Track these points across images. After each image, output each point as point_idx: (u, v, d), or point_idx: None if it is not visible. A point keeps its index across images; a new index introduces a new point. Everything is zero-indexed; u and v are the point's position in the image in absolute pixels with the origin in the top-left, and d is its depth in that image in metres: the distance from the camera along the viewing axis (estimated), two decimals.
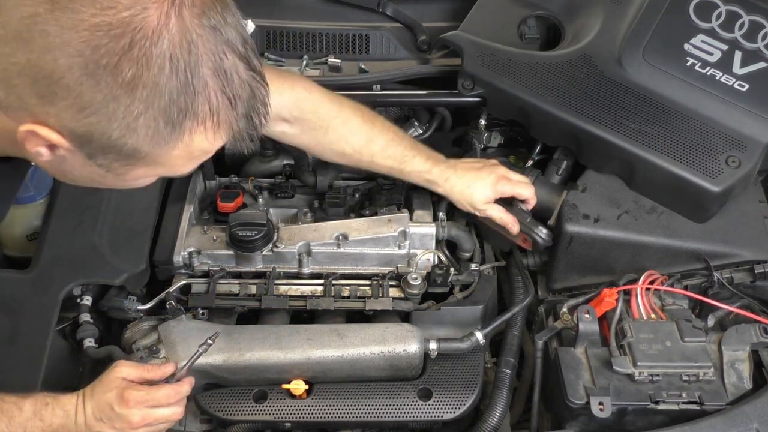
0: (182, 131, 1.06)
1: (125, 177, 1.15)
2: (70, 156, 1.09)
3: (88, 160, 1.09)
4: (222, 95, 1.06)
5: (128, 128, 1.03)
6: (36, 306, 1.60)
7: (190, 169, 1.18)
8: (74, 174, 1.16)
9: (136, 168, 1.12)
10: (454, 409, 1.56)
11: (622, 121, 1.72)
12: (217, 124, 1.08)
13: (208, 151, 1.14)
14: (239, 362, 1.55)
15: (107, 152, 1.07)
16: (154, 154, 1.09)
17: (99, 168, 1.11)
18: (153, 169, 1.13)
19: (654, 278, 1.63)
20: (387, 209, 1.87)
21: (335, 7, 2.19)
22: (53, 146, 1.07)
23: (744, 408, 1.44)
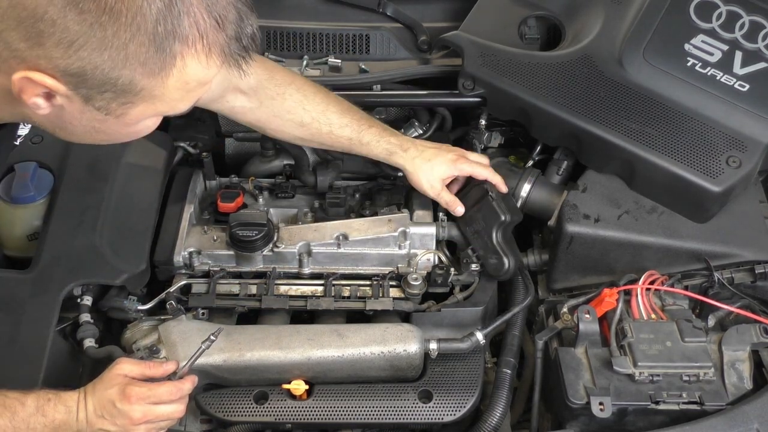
0: (173, 56, 1.06)
1: (126, 119, 1.14)
2: (68, 103, 1.09)
3: (86, 104, 1.09)
4: (208, 16, 1.06)
5: (119, 58, 1.03)
6: (36, 306, 1.59)
7: (189, 105, 1.18)
8: (75, 125, 1.15)
9: (135, 106, 1.11)
10: (455, 412, 1.56)
11: (622, 121, 1.72)
12: (207, 47, 1.08)
13: (204, 80, 1.14)
14: (239, 362, 1.55)
15: (103, 90, 1.07)
16: (149, 86, 1.08)
17: (98, 112, 1.11)
18: (152, 105, 1.12)
19: (654, 278, 1.63)
20: (387, 209, 1.87)
21: (335, 7, 2.19)
22: (50, 95, 1.07)
23: (744, 408, 1.44)
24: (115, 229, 1.71)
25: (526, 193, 1.80)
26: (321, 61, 2.10)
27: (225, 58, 1.12)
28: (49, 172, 1.80)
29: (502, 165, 1.88)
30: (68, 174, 1.77)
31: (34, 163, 1.79)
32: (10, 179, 1.78)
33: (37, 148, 1.85)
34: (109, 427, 1.40)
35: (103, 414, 1.39)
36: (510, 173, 1.84)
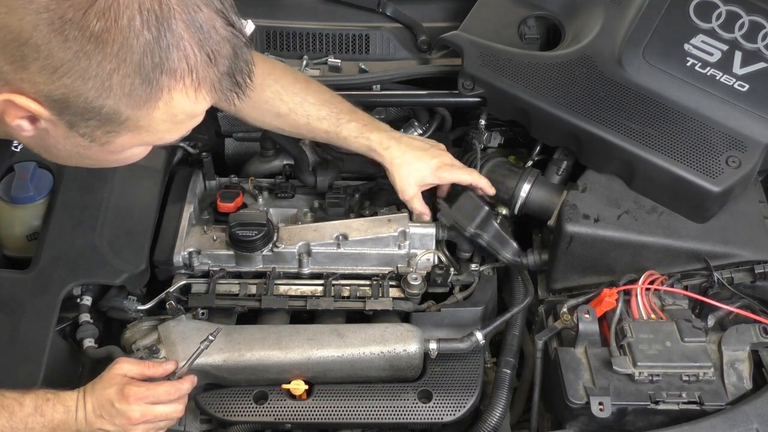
0: (160, 89, 1.04)
1: (110, 147, 1.12)
2: (52, 128, 1.08)
3: (70, 130, 1.08)
4: (200, 51, 1.03)
5: (103, 87, 1.01)
6: (36, 306, 1.59)
7: (178, 136, 1.15)
8: (59, 149, 1.14)
9: (119, 135, 1.09)
10: (454, 412, 1.56)
11: (622, 121, 1.72)
12: (197, 82, 1.05)
13: (193, 113, 1.11)
14: (239, 362, 1.55)
15: (87, 118, 1.05)
16: (134, 116, 1.06)
17: (82, 138, 1.09)
18: (138, 135, 1.10)
19: (654, 278, 1.63)
20: (387, 209, 1.87)
21: (335, 7, 2.19)
22: (34, 118, 1.06)
23: (744, 408, 1.44)
24: (114, 229, 1.71)
25: (525, 193, 1.80)
26: (321, 61, 2.10)
27: (215, 93, 1.09)
28: (48, 172, 1.80)
29: (502, 165, 1.88)
30: (68, 174, 1.77)
31: (33, 163, 1.79)
32: (10, 179, 1.78)
33: None
34: (108, 426, 1.39)
35: (102, 413, 1.39)
36: (510, 173, 1.84)
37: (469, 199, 1.76)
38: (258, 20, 2.05)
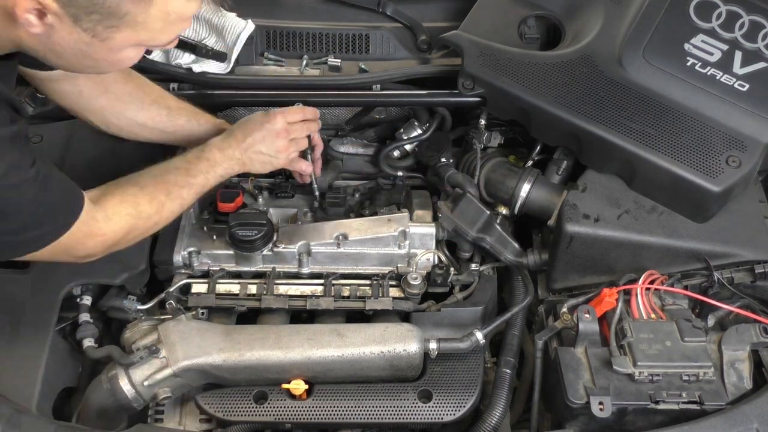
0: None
1: (110, 44, 1.24)
2: (58, 23, 1.19)
3: (75, 25, 1.19)
4: None
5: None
6: (36, 306, 1.60)
7: (168, 38, 1.29)
8: (63, 46, 1.24)
9: (119, 30, 1.22)
10: (454, 411, 1.56)
11: (622, 121, 1.72)
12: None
13: (183, 14, 1.25)
14: (239, 362, 1.55)
15: (90, 11, 1.18)
16: (133, 11, 1.19)
17: (85, 34, 1.21)
18: (135, 32, 1.23)
19: (654, 278, 1.63)
20: (387, 209, 1.87)
21: (335, 7, 2.19)
22: (42, 12, 1.17)
23: (744, 408, 1.44)
24: None
25: (525, 193, 1.80)
26: (321, 61, 2.10)
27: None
28: None
29: (502, 165, 1.88)
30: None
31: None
32: None
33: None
34: (260, 146, 1.69)
35: (253, 135, 1.68)
36: (510, 173, 1.84)
37: (470, 203, 1.76)
38: (258, 20, 2.05)
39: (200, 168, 1.63)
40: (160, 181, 1.58)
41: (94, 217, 1.45)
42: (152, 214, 1.55)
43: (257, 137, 1.69)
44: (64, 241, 1.39)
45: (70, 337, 1.65)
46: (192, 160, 1.64)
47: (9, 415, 1.40)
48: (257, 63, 2.08)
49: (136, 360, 1.52)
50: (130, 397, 1.53)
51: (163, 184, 1.58)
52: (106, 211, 1.48)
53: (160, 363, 1.53)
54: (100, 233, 1.47)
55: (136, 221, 1.52)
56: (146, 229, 1.57)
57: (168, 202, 1.57)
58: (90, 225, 1.44)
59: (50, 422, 1.44)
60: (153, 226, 1.58)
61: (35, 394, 1.50)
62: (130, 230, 1.52)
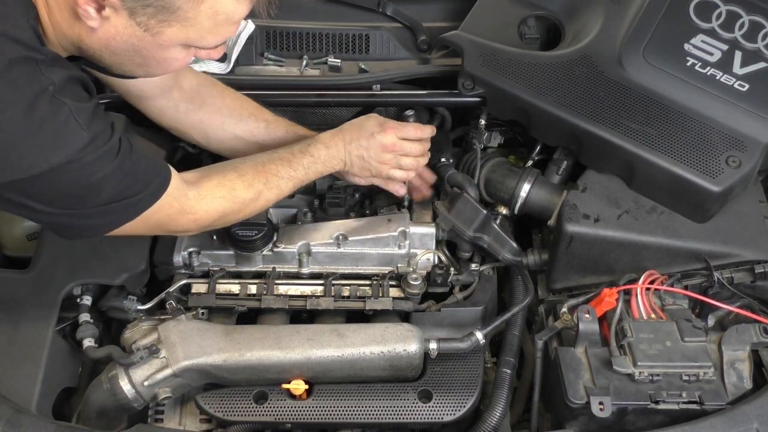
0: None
1: (160, 39, 1.30)
2: (114, 16, 1.26)
3: (130, 18, 1.26)
4: None
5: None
6: (36, 306, 1.60)
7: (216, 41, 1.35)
8: (117, 41, 1.30)
9: (169, 26, 1.28)
10: (454, 411, 1.56)
11: (622, 121, 1.72)
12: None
13: (232, 16, 1.32)
14: (239, 362, 1.55)
15: (146, 4, 1.25)
16: (185, 7, 1.26)
17: (138, 28, 1.28)
18: (184, 29, 1.29)
19: (654, 278, 1.63)
20: (387, 209, 1.87)
21: (335, 7, 2.19)
22: (101, 6, 1.24)
23: (744, 408, 1.44)
24: None
25: (525, 193, 1.80)
26: (321, 61, 2.10)
27: None
28: None
29: (502, 165, 1.88)
30: None
31: None
32: None
33: None
34: (363, 152, 1.70)
35: (360, 141, 1.70)
36: (510, 173, 1.84)
37: (467, 203, 1.76)
38: (258, 20, 2.06)
39: (303, 162, 1.66)
40: (261, 169, 1.62)
41: (185, 195, 1.50)
42: (248, 200, 1.59)
43: (363, 144, 1.71)
44: (156, 215, 1.44)
45: (70, 337, 1.65)
46: (296, 153, 1.67)
47: (9, 415, 1.40)
48: (257, 63, 2.09)
49: (136, 360, 1.52)
50: (130, 397, 1.53)
51: (263, 173, 1.62)
52: (199, 190, 1.53)
53: (160, 363, 1.53)
54: (191, 211, 1.52)
55: (231, 205, 1.57)
56: (241, 214, 1.61)
57: (265, 190, 1.61)
58: (182, 202, 1.49)
59: (50, 422, 1.45)
60: (249, 212, 1.62)
61: (35, 394, 1.50)
62: (225, 213, 1.57)
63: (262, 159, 1.65)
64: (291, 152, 1.67)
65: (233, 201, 1.57)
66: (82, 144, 1.27)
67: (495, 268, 1.81)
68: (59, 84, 1.26)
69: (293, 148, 1.68)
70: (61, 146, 1.26)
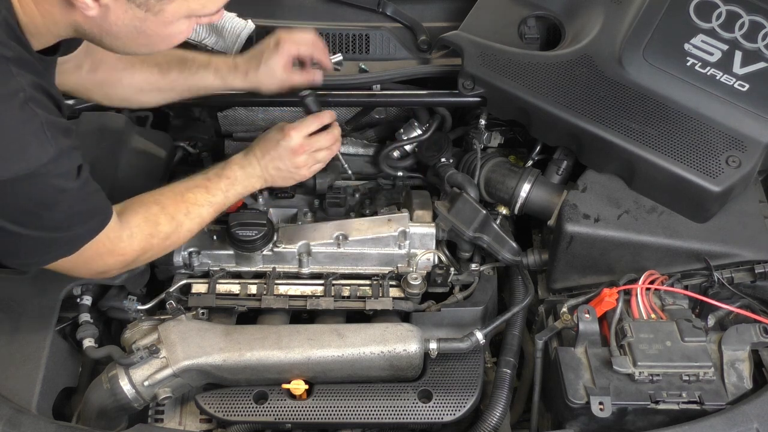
0: None
1: (163, 17, 1.29)
2: (113, 2, 1.24)
3: (129, 1, 1.25)
4: None
5: None
6: (36, 306, 1.60)
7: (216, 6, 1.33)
8: (118, 26, 1.29)
9: (171, 1, 1.27)
10: (455, 411, 1.56)
11: (622, 120, 1.72)
12: None
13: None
14: (239, 362, 1.55)
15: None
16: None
17: (139, 9, 1.26)
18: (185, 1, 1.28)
19: (654, 278, 1.63)
20: (387, 209, 1.87)
21: (335, 7, 2.19)
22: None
23: (744, 408, 1.44)
24: None
25: (525, 192, 1.80)
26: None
27: None
28: None
29: (502, 165, 1.88)
30: None
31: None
32: None
33: None
34: (278, 163, 1.67)
35: (270, 153, 1.66)
36: (510, 173, 1.84)
37: (466, 203, 1.76)
38: (258, 20, 2.05)
39: (220, 186, 1.62)
40: (180, 200, 1.57)
41: (119, 236, 1.45)
42: (170, 233, 1.55)
43: (274, 155, 1.67)
44: (86, 253, 1.39)
45: (70, 337, 1.65)
46: (212, 178, 1.63)
47: (9, 415, 1.40)
48: None
49: (136, 360, 1.52)
50: (130, 397, 1.53)
51: (183, 203, 1.57)
52: (131, 229, 1.48)
53: (160, 363, 1.53)
54: (120, 251, 1.47)
55: (155, 240, 1.52)
56: (163, 248, 1.57)
57: (186, 221, 1.57)
58: (114, 242, 1.44)
59: (50, 422, 1.45)
60: (170, 245, 1.58)
61: (35, 394, 1.50)
62: (147, 249, 1.52)
63: (180, 188, 1.60)
64: (207, 178, 1.63)
65: (157, 236, 1.53)
66: (48, 158, 1.23)
67: (495, 268, 1.81)
68: (29, 90, 1.22)
69: (209, 173, 1.64)
70: (25, 157, 1.21)
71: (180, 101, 1.82)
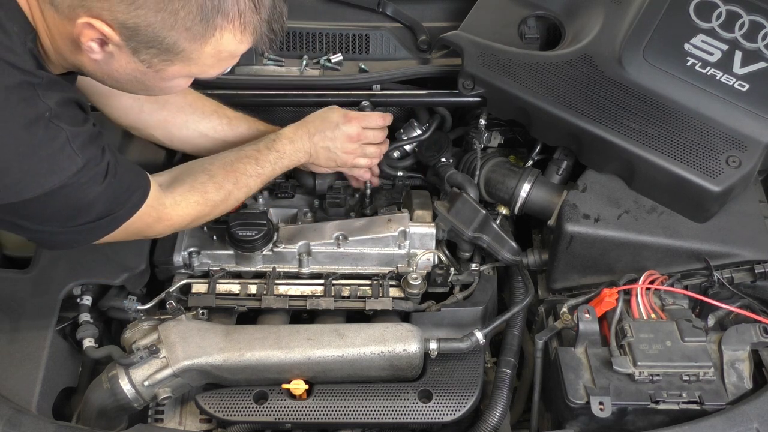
0: (214, 27, 1.27)
1: (163, 74, 1.33)
2: (117, 52, 1.28)
3: (133, 55, 1.28)
4: None
5: (170, 21, 1.23)
6: (36, 306, 1.60)
7: (217, 72, 1.37)
8: (120, 72, 1.33)
9: (173, 64, 1.31)
10: (455, 411, 1.56)
11: (622, 120, 1.72)
12: (243, 25, 1.29)
13: (234, 53, 1.33)
14: (239, 362, 1.55)
15: (150, 46, 1.26)
16: (189, 49, 1.28)
17: (141, 64, 1.30)
18: (187, 66, 1.32)
19: (654, 278, 1.63)
20: (387, 209, 1.87)
21: (335, 7, 2.19)
22: (104, 42, 1.26)
23: (744, 408, 1.44)
24: None
25: (525, 192, 1.80)
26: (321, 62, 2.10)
27: (256, 37, 1.33)
28: None
29: (502, 165, 1.88)
30: None
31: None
32: None
33: None
34: (329, 143, 1.74)
35: (325, 132, 1.74)
36: (510, 173, 1.84)
37: (465, 203, 1.76)
38: None
39: (269, 159, 1.69)
40: (230, 170, 1.64)
41: (162, 203, 1.52)
42: (219, 202, 1.62)
43: (328, 135, 1.75)
44: (134, 224, 1.46)
45: (70, 337, 1.65)
46: (262, 150, 1.69)
47: (9, 415, 1.40)
48: (257, 63, 2.08)
49: (136, 360, 1.52)
50: (130, 397, 1.53)
51: (232, 173, 1.64)
52: (174, 197, 1.55)
53: (160, 363, 1.53)
54: (167, 218, 1.54)
55: (203, 208, 1.60)
56: (212, 215, 1.64)
57: (235, 190, 1.64)
58: (158, 210, 1.51)
59: (50, 422, 1.45)
60: (219, 212, 1.65)
61: (35, 394, 1.50)
62: (198, 217, 1.60)
63: (230, 158, 1.66)
64: (257, 149, 1.69)
65: (206, 204, 1.60)
66: (76, 169, 1.29)
67: (495, 268, 1.81)
68: (55, 108, 1.27)
69: (259, 145, 1.70)
70: (56, 171, 1.27)
71: None
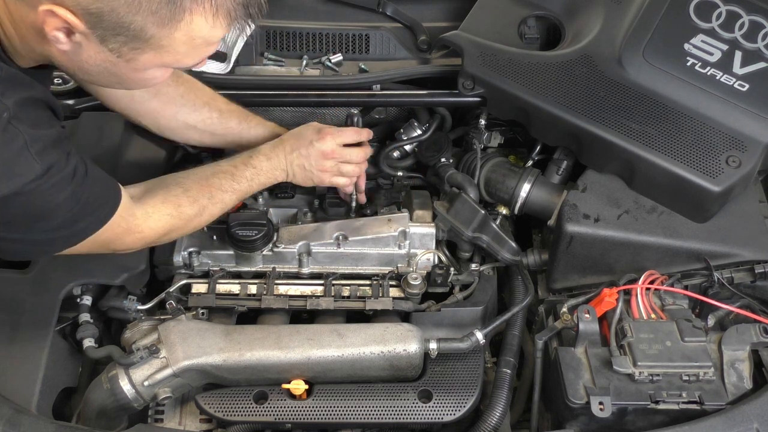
0: (182, 10, 1.19)
1: (135, 65, 1.26)
2: (85, 42, 1.21)
3: (101, 44, 1.21)
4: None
5: (133, 4, 1.16)
6: (36, 306, 1.60)
7: (194, 61, 1.30)
8: (90, 64, 1.26)
9: (143, 52, 1.24)
10: (455, 411, 1.56)
11: (622, 120, 1.72)
12: (215, 8, 1.21)
13: (209, 39, 1.26)
14: (239, 362, 1.55)
15: (117, 33, 1.19)
16: (158, 35, 1.21)
17: (110, 54, 1.23)
18: (159, 55, 1.25)
19: (654, 278, 1.63)
20: (387, 209, 1.87)
21: (335, 7, 2.19)
22: (70, 31, 1.19)
23: (744, 408, 1.44)
24: None
25: (525, 192, 1.80)
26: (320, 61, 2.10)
27: (230, 21, 1.24)
28: None
29: (502, 165, 1.88)
30: None
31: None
32: None
33: None
34: (304, 161, 1.70)
35: (299, 150, 1.69)
36: (510, 173, 1.84)
37: (465, 203, 1.76)
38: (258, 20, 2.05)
39: (245, 175, 1.66)
40: (205, 184, 1.61)
41: (133, 214, 1.48)
42: (193, 216, 1.58)
43: (303, 153, 1.71)
44: (102, 236, 1.42)
45: (70, 337, 1.65)
46: (239, 166, 1.66)
47: (9, 415, 1.40)
48: (257, 63, 2.09)
49: (136, 360, 1.52)
50: (130, 397, 1.53)
51: (207, 187, 1.61)
52: (146, 208, 1.51)
53: (160, 363, 1.53)
54: (137, 230, 1.50)
55: (176, 221, 1.56)
56: (185, 230, 1.61)
57: (210, 205, 1.60)
58: (129, 221, 1.47)
59: (50, 422, 1.44)
60: (192, 227, 1.61)
61: (35, 394, 1.50)
62: (170, 230, 1.56)
63: (206, 173, 1.63)
64: (234, 165, 1.66)
65: (179, 217, 1.56)
66: (34, 175, 1.23)
67: (495, 268, 1.81)
68: (14, 108, 1.20)
69: (235, 160, 1.68)
70: (10, 177, 1.22)
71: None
